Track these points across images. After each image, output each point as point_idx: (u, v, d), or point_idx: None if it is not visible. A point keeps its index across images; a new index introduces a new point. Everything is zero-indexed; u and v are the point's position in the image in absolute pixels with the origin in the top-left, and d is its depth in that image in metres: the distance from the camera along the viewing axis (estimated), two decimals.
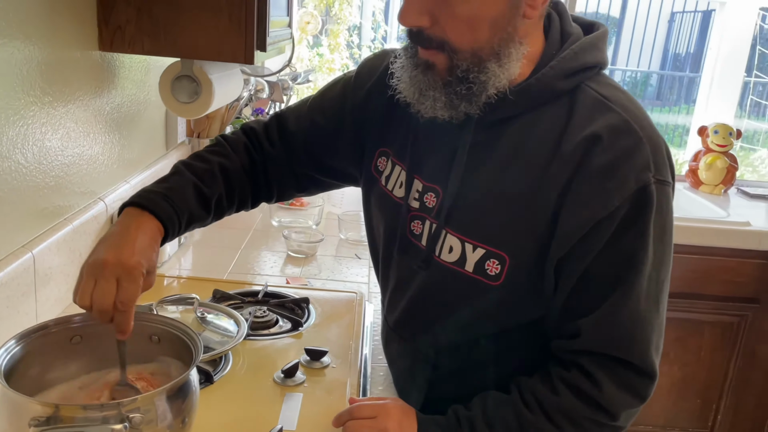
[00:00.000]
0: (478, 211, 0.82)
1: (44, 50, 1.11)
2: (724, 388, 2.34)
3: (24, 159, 1.07)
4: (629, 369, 0.80)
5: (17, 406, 0.66)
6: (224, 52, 1.30)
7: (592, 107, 0.78)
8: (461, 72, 0.77)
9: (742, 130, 2.84)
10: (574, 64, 0.79)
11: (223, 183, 0.97)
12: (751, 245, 2.20)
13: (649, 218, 0.76)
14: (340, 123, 0.98)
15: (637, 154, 0.76)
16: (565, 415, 0.81)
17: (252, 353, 1.13)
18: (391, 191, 0.93)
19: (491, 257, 0.81)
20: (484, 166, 0.82)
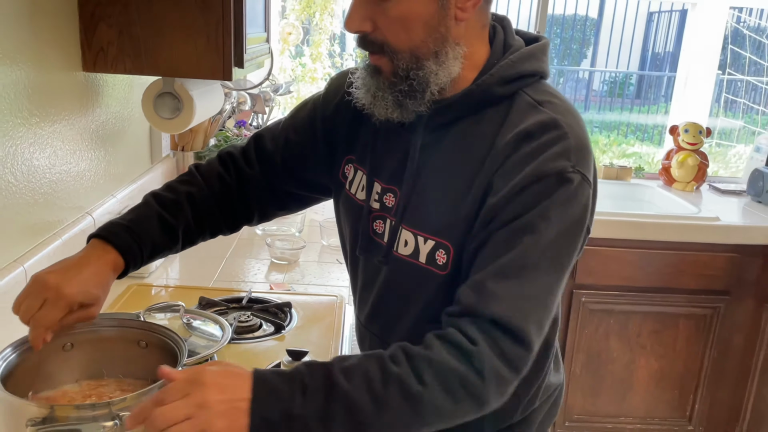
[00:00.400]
0: (427, 207, 0.89)
1: (30, 73, 1.16)
2: (700, 378, 2.42)
3: (14, 178, 1.12)
4: (506, 335, 0.78)
5: (14, 409, 0.72)
6: (203, 69, 1.36)
7: (525, 110, 0.85)
8: (402, 71, 0.84)
9: (718, 128, 2.92)
10: (511, 72, 0.86)
11: (190, 211, 1.01)
12: (720, 239, 2.28)
13: (557, 200, 0.80)
14: (312, 138, 1.05)
15: (559, 145, 0.81)
16: (434, 367, 0.76)
17: (236, 356, 1.19)
18: (355, 195, 0.99)
19: (440, 248, 0.87)
20: (433, 165, 0.89)
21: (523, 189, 0.80)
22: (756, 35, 4.53)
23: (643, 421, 2.46)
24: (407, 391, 0.75)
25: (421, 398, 0.75)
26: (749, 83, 4.79)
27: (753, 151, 2.84)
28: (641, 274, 2.30)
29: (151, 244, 0.96)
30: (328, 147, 1.04)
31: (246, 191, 1.07)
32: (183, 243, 1.02)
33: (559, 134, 0.82)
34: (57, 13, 1.25)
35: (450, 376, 0.76)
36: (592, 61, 8.13)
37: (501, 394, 0.79)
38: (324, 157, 1.05)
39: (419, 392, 0.75)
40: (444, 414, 0.77)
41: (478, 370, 0.76)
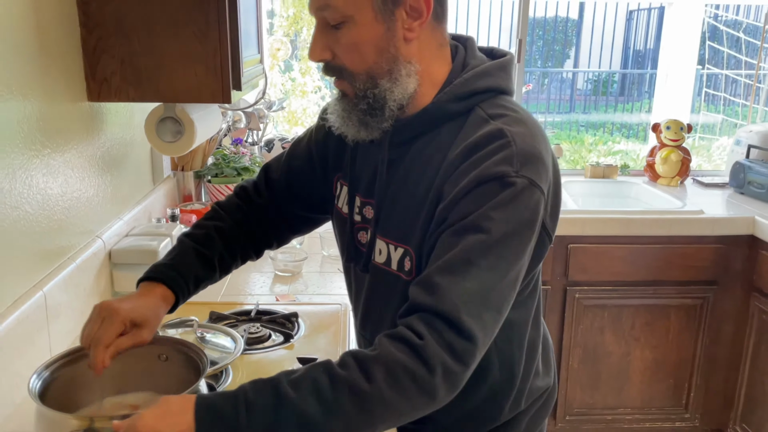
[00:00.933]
0: (395, 217, 0.96)
1: (41, 106, 1.22)
2: (693, 366, 2.50)
3: (30, 208, 1.18)
4: (450, 327, 0.79)
5: (56, 423, 0.78)
6: (204, 94, 1.43)
7: (477, 124, 0.90)
8: (360, 91, 0.91)
9: (700, 122, 3.01)
10: (464, 90, 0.92)
11: (220, 242, 1.10)
12: (705, 231, 2.36)
13: (499, 202, 0.83)
14: (310, 162, 1.13)
15: (502, 152, 0.85)
16: (381, 364, 0.77)
17: (249, 366, 1.25)
18: (341, 209, 1.07)
19: (407, 255, 0.94)
20: (398, 178, 0.96)
21: (467, 193, 0.84)
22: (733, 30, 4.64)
23: (641, 411, 2.53)
24: (356, 392, 0.76)
25: (370, 397, 0.76)
26: (728, 77, 4.90)
27: (734, 144, 2.93)
28: (631, 269, 2.38)
29: (194, 276, 1.05)
30: (322, 170, 1.12)
31: (260, 219, 1.16)
32: (220, 271, 1.11)
33: (503, 143, 0.86)
34: (62, 47, 1.31)
35: (398, 371, 0.77)
36: (575, 61, 8.25)
37: (450, 387, 0.80)
38: (321, 179, 1.13)
39: (368, 391, 0.76)
40: (395, 410, 0.78)
41: (426, 363, 0.77)
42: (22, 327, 1.11)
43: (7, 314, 1.08)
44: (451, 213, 0.86)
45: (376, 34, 0.88)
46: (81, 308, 1.37)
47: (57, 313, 1.25)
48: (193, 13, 1.37)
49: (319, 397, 0.75)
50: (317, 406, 0.75)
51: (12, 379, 1.09)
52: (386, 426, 0.80)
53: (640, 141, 6.07)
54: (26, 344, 1.14)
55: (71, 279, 1.32)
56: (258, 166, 2.34)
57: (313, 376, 0.77)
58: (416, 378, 0.77)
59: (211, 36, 1.39)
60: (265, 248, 1.20)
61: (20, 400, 1.10)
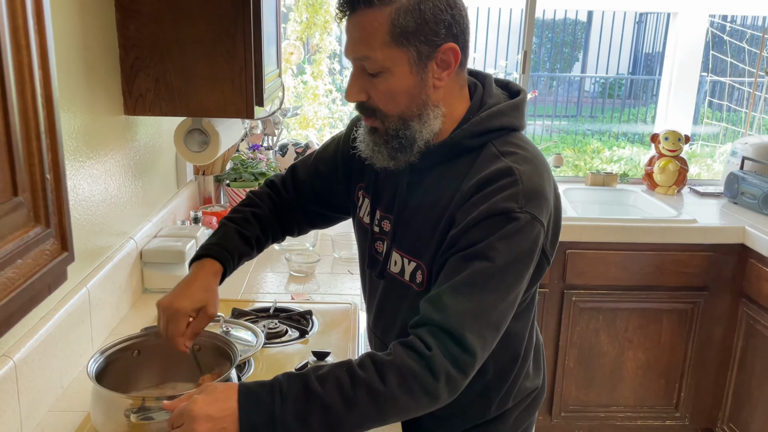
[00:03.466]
0: (410, 234, 1.09)
1: (84, 121, 1.36)
2: (684, 368, 2.62)
3: (77, 213, 1.33)
4: (454, 342, 0.92)
5: (112, 402, 0.92)
6: (229, 110, 1.57)
7: (489, 159, 1.01)
8: (392, 131, 1.02)
9: (702, 131, 3.12)
10: (479, 128, 1.03)
11: (257, 225, 1.26)
12: (697, 240, 2.48)
13: (504, 235, 0.94)
14: (334, 170, 1.27)
15: (510, 189, 0.96)
16: (395, 369, 0.90)
17: (269, 358, 1.39)
18: (362, 218, 1.21)
19: (419, 269, 1.07)
20: (415, 199, 1.09)
21: (477, 223, 0.96)
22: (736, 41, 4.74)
23: (633, 409, 2.66)
24: (372, 391, 0.89)
25: (384, 396, 0.90)
26: (732, 86, 5.00)
27: (730, 155, 3.04)
28: (626, 274, 2.50)
29: (237, 252, 1.21)
30: (346, 179, 1.26)
31: (286, 210, 1.31)
32: (257, 249, 1.27)
33: (511, 180, 0.97)
34: (103, 66, 1.45)
35: (409, 377, 0.90)
36: (583, 64, 8.33)
37: (451, 392, 0.94)
38: (344, 186, 1.27)
39: (382, 391, 0.90)
40: (403, 408, 0.92)
41: (433, 371, 0.91)
42: (71, 319, 1.26)
43: (58, 307, 1.22)
44: (461, 239, 0.97)
45: (410, 84, 0.98)
46: (116, 302, 1.51)
47: (98, 306, 1.39)
48: (222, 37, 1.51)
49: (341, 392, 0.89)
50: (339, 399, 0.89)
51: (61, 365, 1.23)
52: (394, 420, 0.96)
53: (645, 146, 6.17)
54: (72, 334, 1.28)
55: (109, 276, 1.46)
56: (273, 170, 2.48)
57: (336, 374, 0.90)
58: (423, 384, 0.91)
59: (237, 57, 1.52)
60: (288, 234, 1.35)
61: (68, 383, 1.25)
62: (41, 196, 0.47)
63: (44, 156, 0.47)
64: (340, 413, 0.89)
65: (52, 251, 0.49)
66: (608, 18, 7.92)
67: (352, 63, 1.01)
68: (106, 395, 0.92)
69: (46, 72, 0.48)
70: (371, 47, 0.95)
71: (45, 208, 0.48)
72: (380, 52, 0.95)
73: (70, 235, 0.53)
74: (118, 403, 0.91)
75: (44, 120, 0.48)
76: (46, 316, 1.19)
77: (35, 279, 0.46)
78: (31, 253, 0.46)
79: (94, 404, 0.96)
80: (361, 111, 1.05)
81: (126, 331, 1.47)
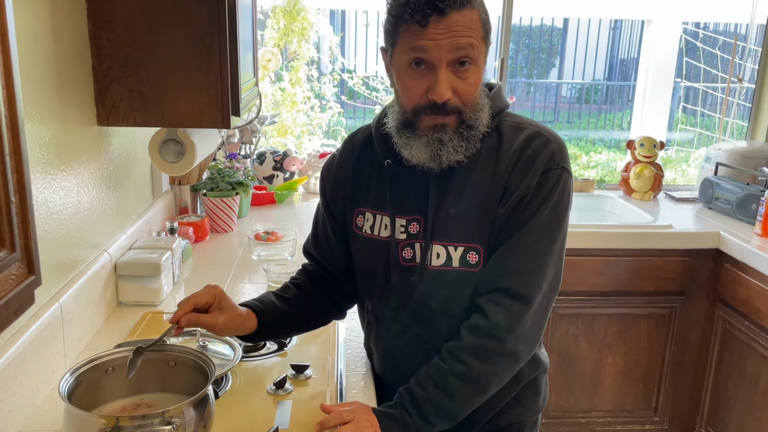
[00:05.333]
0: (453, 221, 1.13)
1: (56, 132, 1.34)
2: (662, 372, 2.65)
3: (49, 227, 1.30)
4: (508, 296, 1.08)
5: (84, 422, 0.89)
6: (205, 120, 1.55)
7: (513, 132, 1.14)
8: (470, 121, 1.09)
9: (677, 137, 3.16)
10: (496, 110, 1.14)
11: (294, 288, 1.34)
12: (674, 245, 2.51)
13: (551, 191, 1.09)
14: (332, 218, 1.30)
15: (546, 150, 1.11)
16: (469, 351, 1.08)
17: (247, 372, 1.37)
18: (378, 234, 1.21)
19: (470, 251, 1.12)
20: (451, 188, 1.13)
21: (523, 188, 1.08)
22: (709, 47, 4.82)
23: (612, 414, 2.68)
24: (459, 376, 1.07)
25: (470, 376, 1.07)
26: (705, 92, 5.08)
27: (704, 161, 3.09)
28: (604, 280, 2.52)
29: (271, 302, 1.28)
30: (342, 218, 1.29)
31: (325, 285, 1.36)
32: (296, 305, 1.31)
33: (545, 141, 1.11)
34: (75, 76, 1.43)
35: (480, 351, 1.07)
36: (559, 70, 8.41)
37: (524, 341, 1.10)
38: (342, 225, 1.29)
39: (467, 372, 1.07)
40: (493, 377, 1.09)
41: (495, 336, 1.07)
42: (43, 335, 1.23)
43: (29, 324, 1.19)
44: (513, 205, 1.09)
45: (481, 75, 1.09)
46: (90, 317, 1.48)
47: (71, 321, 1.36)
48: (197, 46, 1.49)
49: (438, 387, 1.08)
50: (440, 393, 1.08)
51: (32, 383, 1.20)
52: (497, 387, 1.12)
53: (621, 152, 6.24)
54: (44, 350, 1.25)
55: (83, 290, 1.43)
56: (251, 180, 2.46)
57: (429, 375, 1.09)
58: (494, 349, 1.08)
59: (213, 67, 1.51)
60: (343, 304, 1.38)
61: (40, 402, 1.22)
62: (6, 220, 0.46)
63: (8, 178, 0.46)
64: (447, 404, 1.08)
65: (18, 276, 0.48)
66: (584, 24, 8.02)
67: (442, 60, 1.04)
68: (79, 415, 0.90)
69: (10, 92, 0.46)
70: (476, 38, 1.05)
71: (10, 231, 0.46)
72: (479, 44, 1.06)
73: (37, 258, 0.51)
74: (91, 423, 0.89)
75: (9, 141, 0.46)
76: (17, 333, 1.16)
77: (0, 306, 0.45)
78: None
79: (67, 424, 0.94)
80: (440, 111, 1.07)
81: (100, 345, 1.44)
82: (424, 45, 1.03)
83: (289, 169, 2.91)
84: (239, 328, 1.22)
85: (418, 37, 1.03)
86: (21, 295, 0.48)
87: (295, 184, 2.84)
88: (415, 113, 1.10)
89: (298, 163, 2.93)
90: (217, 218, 2.30)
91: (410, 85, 1.08)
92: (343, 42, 4.55)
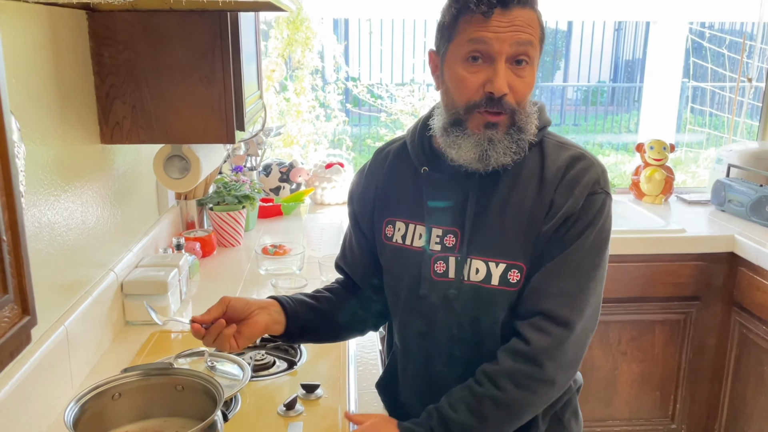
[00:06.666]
0: (494, 236, 1.09)
1: (59, 152, 1.32)
2: (678, 379, 2.60)
3: (53, 249, 1.28)
4: (549, 320, 1.04)
5: None
6: (209, 136, 1.53)
7: (556, 149, 1.11)
8: (521, 123, 1.07)
9: (686, 139, 3.11)
10: (540, 126, 1.13)
11: (324, 290, 1.31)
12: (687, 249, 2.47)
13: (596, 216, 1.06)
14: (359, 231, 1.27)
15: (591, 172, 1.08)
16: (507, 376, 1.04)
17: (256, 392, 1.34)
18: (410, 244, 1.17)
19: (512, 269, 1.08)
20: (493, 201, 1.10)
21: (575, 211, 1.06)
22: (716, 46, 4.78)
23: (629, 423, 2.63)
24: (494, 401, 1.04)
25: (505, 401, 1.04)
26: (714, 92, 5.03)
27: (715, 163, 3.05)
28: (617, 286, 2.48)
29: (300, 301, 1.24)
30: (370, 230, 1.26)
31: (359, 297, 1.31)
32: (329, 308, 1.27)
33: (588, 164, 1.09)
34: (78, 95, 1.41)
35: (518, 377, 1.04)
36: (565, 72, 8.39)
37: (562, 369, 1.05)
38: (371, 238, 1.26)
39: (502, 398, 1.03)
40: (528, 404, 1.05)
41: (536, 362, 1.03)
42: (48, 360, 1.21)
43: (34, 349, 1.17)
44: (556, 225, 1.06)
45: (535, 77, 1.08)
46: (96, 338, 1.46)
47: (77, 344, 1.34)
48: (200, 62, 1.47)
49: (470, 410, 1.05)
50: (471, 417, 1.04)
51: (39, 409, 1.18)
52: (530, 415, 1.08)
53: (630, 154, 6.20)
54: (50, 375, 1.23)
55: (89, 312, 1.41)
56: (258, 192, 2.44)
57: (462, 396, 1.06)
58: (533, 376, 1.04)
59: (216, 82, 1.49)
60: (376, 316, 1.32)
61: (46, 429, 1.19)
62: None
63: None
64: (476, 428, 1.04)
65: (12, 317, 0.45)
66: (588, 27, 7.99)
67: (502, 54, 1.02)
68: None
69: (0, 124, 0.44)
70: (535, 36, 1.04)
71: (2, 272, 0.44)
72: (537, 44, 1.05)
73: (32, 297, 0.49)
74: None
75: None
76: (21, 359, 1.13)
77: None
78: None
79: None
80: (496, 105, 1.05)
81: (107, 367, 1.42)
82: (486, 37, 1.02)
83: (296, 180, 2.89)
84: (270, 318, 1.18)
85: (480, 29, 1.02)
86: (16, 337, 0.46)
87: (302, 195, 2.82)
88: (468, 109, 1.06)
89: (305, 174, 2.91)
90: (224, 232, 2.28)
91: (466, 78, 1.05)
92: (346, 50, 4.54)
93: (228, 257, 2.20)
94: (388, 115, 4.17)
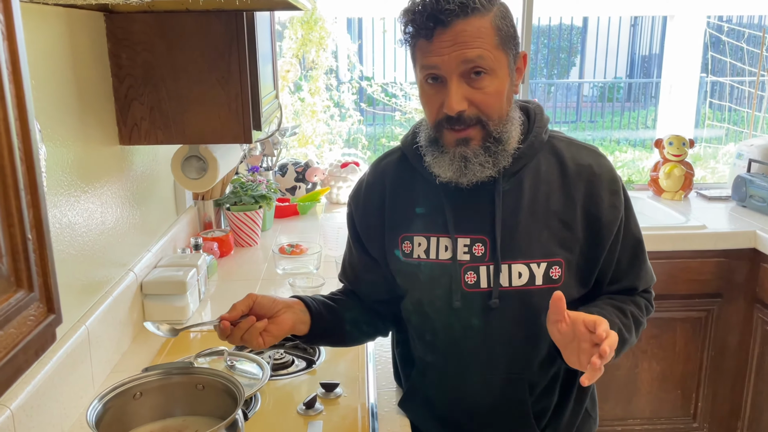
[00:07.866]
0: (531, 238, 1.10)
1: (78, 154, 1.33)
2: (700, 377, 2.57)
3: (74, 249, 1.29)
4: (648, 293, 1.24)
5: None
6: (226, 135, 1.53)
7: (568, 146, 1.16)
8: (496, 134, 1.06)
9: (704, 134, 3.08)
10: (545, 124, 1.16)
11: (338, 292, 1.32)
12: (708, 246, 2.43)
13: (628, 204, 1.17)
14: (361, 248, 1.25)
15: (607, 164, 1.16)
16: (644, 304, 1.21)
17: (276, 391, 1.34)
18: (436, 258, 1.15)
19: (553, 266, 1.10)
20: (518, 204, 1.11)
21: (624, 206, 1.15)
22: (734, 40, 4.71)
23: (650, 421, 2.60)
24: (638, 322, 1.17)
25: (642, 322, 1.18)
26: (732, 86, 4.97)
27: (735, 158, 3.00)
28: None
29: (321, 301, 1.23)
30: (377, 248, 1.23)
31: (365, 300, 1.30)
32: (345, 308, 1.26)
33: (604, 159, 1.16)
34: (96, 96, 1.42)
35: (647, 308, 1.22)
36: (580, 69, 8.32)
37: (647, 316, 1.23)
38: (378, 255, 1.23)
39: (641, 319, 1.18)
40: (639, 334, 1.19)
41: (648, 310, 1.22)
42: (70, 359, 1.22)
43: (56, 348, 1.18)
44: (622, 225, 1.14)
45: (506, 87, 1.06)
46: (117, 338, 1.47)
47: (98, 344, 1.35)
48: (216, 62, 1.48)
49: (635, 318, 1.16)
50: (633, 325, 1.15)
51: (61, 409, 1.18)
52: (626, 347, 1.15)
53: (647, 150, 6.13)
54: (72, 375, 1.24)
55: (109, 312, 1.42)
56: (274, 192, 2.44)
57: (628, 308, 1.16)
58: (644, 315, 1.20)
59: (233, 82, 1.49)
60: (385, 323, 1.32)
61: (69, 428, 1.20)
62: (22, 258, 0.44)
63: (24, 214, 0.43)
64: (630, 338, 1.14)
65: (37, 316, 0.45)
66: (603, 22, 7.92)
67: (452, 73, 1.02)
68: None
69: (24, 123, 0.44)
70: (485, 47, 1.01)
71: (27, 270, 0.44)
72: (491, 52, 1.02)
73: (57, 296, 0.49)
74: None
75: (24, 175, 0.44)
76: (44, 359, 1.14)
77: (18, 350, 0.42)
78: (13, 321, 0.42)
79: None
80: (457, 123, 1.05)
81: (128, 367, 1.43)
82: (433, 62, 1.02)
83: (311, 179, 2.89)
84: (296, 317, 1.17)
85: (426, 54, 1.03)
86: (41, 335, 0.46)
87: (318, 194, 2.82)
88: (437, 128, 1.09)
89: (320, 174, 2.91)
90: (241, 232, 2.28)
91: (429, 99, 1.07)
92: (360, 50, 4.54)
93: (245, 257, 2.21)
94: (402, 114, 4.17)
